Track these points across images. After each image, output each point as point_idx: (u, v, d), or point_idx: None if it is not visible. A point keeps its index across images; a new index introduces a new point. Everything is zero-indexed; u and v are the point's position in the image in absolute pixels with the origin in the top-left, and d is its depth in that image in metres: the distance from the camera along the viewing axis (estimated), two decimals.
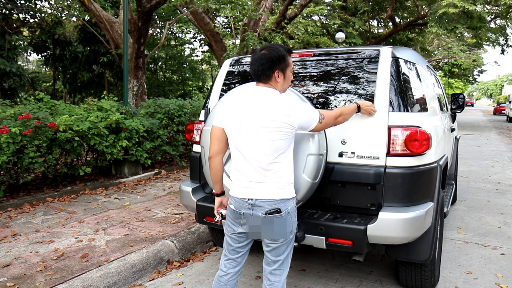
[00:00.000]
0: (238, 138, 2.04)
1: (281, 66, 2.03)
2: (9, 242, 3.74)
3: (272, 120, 1.95)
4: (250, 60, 2.08)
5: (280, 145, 1.98)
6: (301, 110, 2.01)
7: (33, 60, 29.14)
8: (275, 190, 2.01)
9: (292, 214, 2.06)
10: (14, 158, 4.91)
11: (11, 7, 12.84)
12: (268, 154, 1.98)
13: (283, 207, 2.02)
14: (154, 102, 7.58)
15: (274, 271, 2.12)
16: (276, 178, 2.01)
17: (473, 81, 39.74)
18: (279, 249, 2.09)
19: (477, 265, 3.49)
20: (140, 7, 8.53)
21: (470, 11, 14.03)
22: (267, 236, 2.06)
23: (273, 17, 12.19)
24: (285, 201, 2.02)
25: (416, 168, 2.54)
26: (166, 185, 6.24)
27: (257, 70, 2.02)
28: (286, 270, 2.14)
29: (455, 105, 4.88)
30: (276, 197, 2.01)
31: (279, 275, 2.12)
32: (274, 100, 1.98)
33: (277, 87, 2.05)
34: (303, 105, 2.07)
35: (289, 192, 2.05)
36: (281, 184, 2.02)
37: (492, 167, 8.43)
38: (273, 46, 2.06)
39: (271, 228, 2.02)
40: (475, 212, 5.07)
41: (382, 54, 2.71)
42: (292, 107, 1.98)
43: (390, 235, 2.44)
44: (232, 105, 2.09)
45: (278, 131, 1.96)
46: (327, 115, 2.17)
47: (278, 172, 2.01)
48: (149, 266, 3.36)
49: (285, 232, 2.04)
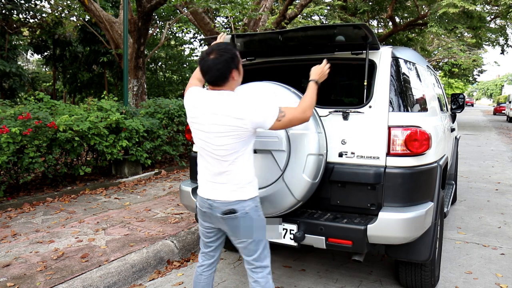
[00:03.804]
0: (198, 140, 2.09)
1: (236, 65, 2.00)
2: (9, 242, 3.74)
3: (224, 125, 1.95)
4: (203, 68, 1.99)
5: (236, 147, 1.98)
6: (252, 111, 1.94)
7: (33, 60, 29.14)
8: (230, 191, 2.03)
9: (253, 214, 2.06)
10: (14, 158, 4.91)
11: (11, 7, 12.84)
12: (224, 157, 2.00)
13: (239, 208, 2.03)
14: (154, 102, 7.58)
15: (254, 269, 2.15)
16: (232, 180, 2.03)
17: (473, 81, 39.73)
18: (248, 249, 2.12)
19: (477, 265, 3.49)
20: (140, 7, 8.53)
21: (470, 11, 14.03)
22: (233, 235, 2.12)
23: (273, 17, 12.18)
24: (241, 202, 2.03)
25: (416, 168, 2.54)
26: (166, 185, 6.24)
27: (216, 75, 1.96)
28: (265, 267, 2.15)
29: (455, 105, 4.88)
30: (231, 199, 2.03)
31: (260, 272, 2.14)
32: (225, 104, 1.95)
33: (233, 85, 2.04)
34: (255, 105, 1.96)
35: (246, 193, 2.05)
36: (237, 185, 2.03)
37: (492, 167, 8.43)
38: (220, 47, 1.99)
39: (235, 227, 2.07)
40: (475, 212, 5.07)
41: (382, 54, 2.71)
42: (242, 109, 1.93)
43: (390, 235, 2.44)
44: (191, 109, 2.10)
45: (232, 135, 1.95)
46: (290, 112, 2.03)
47: (234, 174, 2.02)
48: (149, 266, 3.36)
49: (247, 234, 2.07)
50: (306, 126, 2.45)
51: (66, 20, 14.26)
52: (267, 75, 3.35)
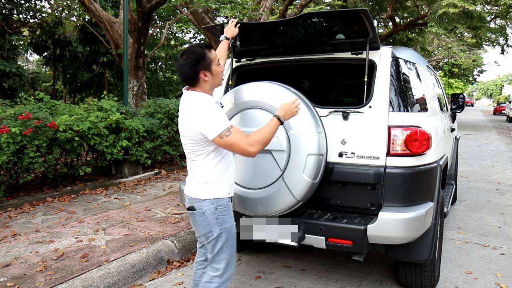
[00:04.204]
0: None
1: (204, 66, 2.02)
2: (9, 242, 3.74)
3: (183, 125, 2.05)
4: (177, 69, 2.09)
5: (192, 147, 2.06)
6: (198, 118, 1.97)
7: (33, 60, 29.12)
8: (193, 188, 2.12)
9: (209, 216, 2.07)
10: (14, 158, 4.91)
11: (11, 7, 12.84)
12: (188, 154, 2.11)
13: (197, 207, 2.08)
14: (154, 102, 7.58)
15: (210, 264, 2.17)
16: (195, 177, 2.11)
17: (473, 81, 39.73)
18: (207, 247, 2.17)
19: (477, 265, 3.49)
20: (140, 7, 8.53)
21: (470, 11, 14.02)
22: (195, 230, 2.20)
23: (273, 17, 12.18)
24: (199, 201, 2.08)
25: (416, 168, 2.54)
26: (166, 185, 6.24)
27: (184, 77, 2.06)
28: (217, 270, 2.13)
29: (455, 105, 4.88)
30: (192, 195, 2.12)
31: (215, 271, 2.14)
32: (186, 106, 2.04)
33: (206, 86, 2.07)
34: (203, 114, 1.96)
35: (203, 193, 2.08)
36: (198, 183, 2.09)
37: (492, 167, 8.43)
38: (190, 49, 2.04)
39: (194, 223, 2.14)
40: (475, 212, 5.07)
41: (382, 54, 2.71)
42: (192, 114, 1.99)
43: (390, 235, 2.44)
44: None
45: (188, 135, 2.04)
46: (236, 137, 1.95)
47: (196, 172, 2.10)
48: (149, 266, 3.36)
49: (203, 233, 2.11)
50: (306, 126, 2.45)
51: (66, 20, 14.25)
52: (267, 75, 3.35)
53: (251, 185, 2.58)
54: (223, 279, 2.14)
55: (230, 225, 2.13)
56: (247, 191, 2.59)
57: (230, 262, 2.15)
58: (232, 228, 2.15)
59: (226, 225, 2.11)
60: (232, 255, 2.16)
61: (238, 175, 2.61)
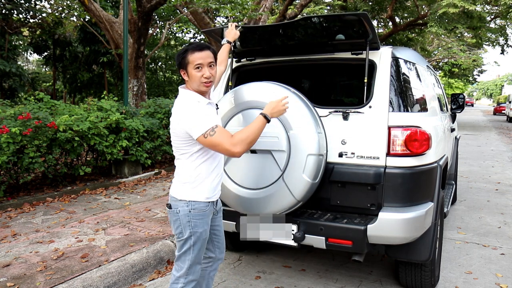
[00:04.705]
0: None
1: (182, 65, 2.05)
2: (9, 242, 3.74)
3: (171, 123, 2.07)
4: None
5: (178, 145, 2.07)
6: (183, 116, 1.98)
7: (33, 60, 29.14)
8: (173, 186, 2.14)
9: (182, 217, 2.06)
10: (14, 158, 4.91)
11: (11, 7, 12.84)
12: (174, 151, 2.11)
13: (173, 205, 2.10)
14: (154, 102, 7.58)
15: (176, 261, 2.17)
16: (176, 174, 2.13)
17: (473, 81, 39.74)
18: (176, 243, 2.18)
19: (477, 265, 3.49)
20: (140, 7, 8.53)
21: (470, 11, 14.02)
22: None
23: (273, 17, 12.19)
24: (176, 200, 2.09)
25: (416, 168, 2.54)
26: (166, 185, 6.24)
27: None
28: (184, 269, 2.12)
29: (455, 105, 4.88)
30: (171, 193, 2.14)
31: (179, 270, 2.14)
32: (176, 106, 2.07)
33: (188, 84, 2.10)
34: (188, 112, 1.97)
35: (180, 193, 2.08)
36: (178, 182, 2.11)
37: (492, 167, 8.43)
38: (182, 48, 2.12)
39: (170, 221, 2.16)
40: (475, 212, 5.07)
41: (382, 54, 2.71)
42: (179, 115, 2.01)
43: (390, 235, 2.44)
44: None
45: (174, 133, 2.05)
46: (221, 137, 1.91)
47: (178, 170, 2.11)
48: (149, 266, 3.36)
49: (175, 232, 2.12)
50: (306, 126, 2.45)
51: (66, 20, 14.26)
52: (267, 75, 3.36)
53: (251, 185, 2.58)
54: (188, 279, 2.13)
55: (201, 230, 2.08)
56: (247, 192, 2.59)
57: (194, 264, 2.13)
58: (203, 234, 2.10)
59: (197, 230, 2.07)
60: (198, 258, 2.13)
61: (238, 176, 2.61)
